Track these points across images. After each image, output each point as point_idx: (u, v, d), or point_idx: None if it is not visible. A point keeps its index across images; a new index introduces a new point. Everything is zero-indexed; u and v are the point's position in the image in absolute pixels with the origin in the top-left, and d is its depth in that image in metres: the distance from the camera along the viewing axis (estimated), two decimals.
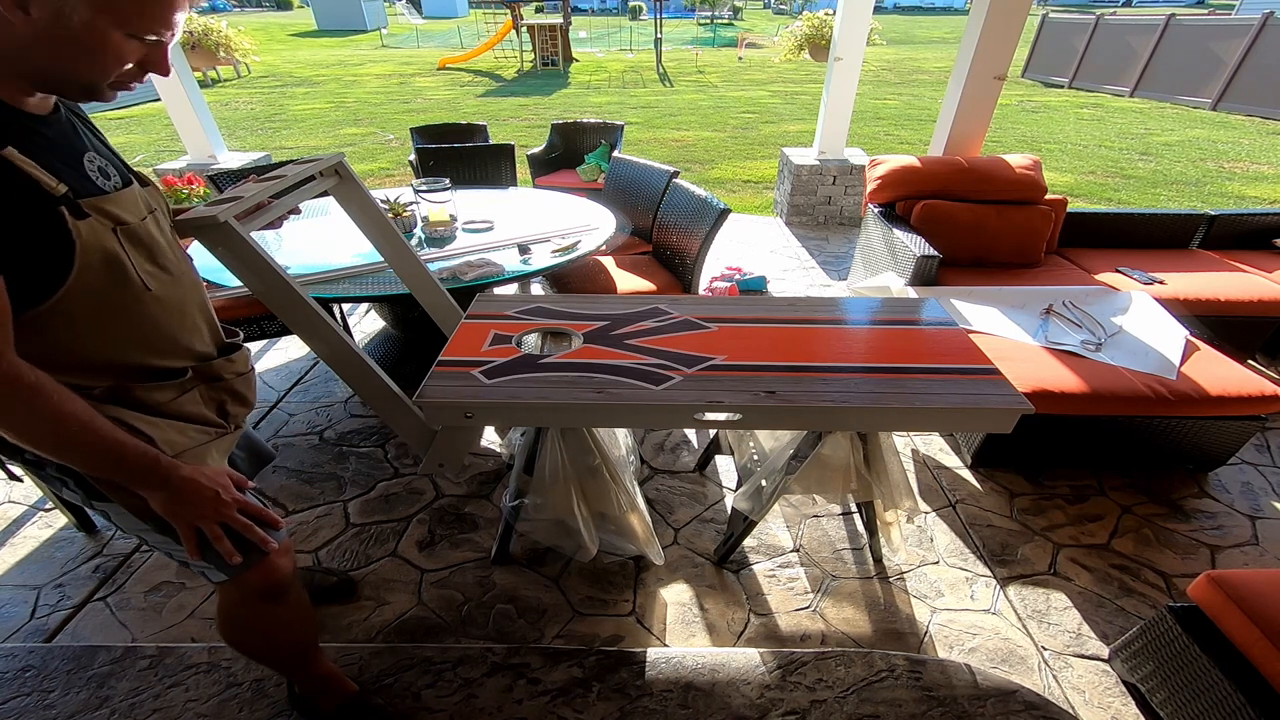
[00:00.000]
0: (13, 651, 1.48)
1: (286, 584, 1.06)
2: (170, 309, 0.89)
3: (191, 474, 0.85)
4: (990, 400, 1.26)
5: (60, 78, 0.73)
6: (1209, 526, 1.91)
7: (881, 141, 7.43)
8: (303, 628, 1.18)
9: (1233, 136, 7.69)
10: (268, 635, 1.14)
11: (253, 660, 1.37)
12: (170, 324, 0.90)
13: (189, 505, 0.85)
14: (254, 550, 0.95)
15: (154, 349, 0.88)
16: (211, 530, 0.88)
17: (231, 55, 9.96)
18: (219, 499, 0.87)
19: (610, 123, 3.98)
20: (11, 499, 1.98)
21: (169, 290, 0.89)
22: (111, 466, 0.79)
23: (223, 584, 1.01)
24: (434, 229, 2.26)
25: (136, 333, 0.85)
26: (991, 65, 2.88)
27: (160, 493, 0.83)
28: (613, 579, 1.71)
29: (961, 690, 1.40)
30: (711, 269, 3.59)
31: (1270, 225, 2.85)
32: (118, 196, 0.82)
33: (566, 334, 1.48)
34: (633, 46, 17.13)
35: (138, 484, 0.82)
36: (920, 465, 2.14)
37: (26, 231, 0.70)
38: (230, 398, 1.01)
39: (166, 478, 0.82)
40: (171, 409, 0.90)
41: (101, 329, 0.81)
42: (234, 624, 1.12)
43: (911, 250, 2.45)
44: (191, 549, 0.88)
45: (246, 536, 0.91)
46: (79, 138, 0.83)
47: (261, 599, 1.05)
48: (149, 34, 0.72)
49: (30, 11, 0.65)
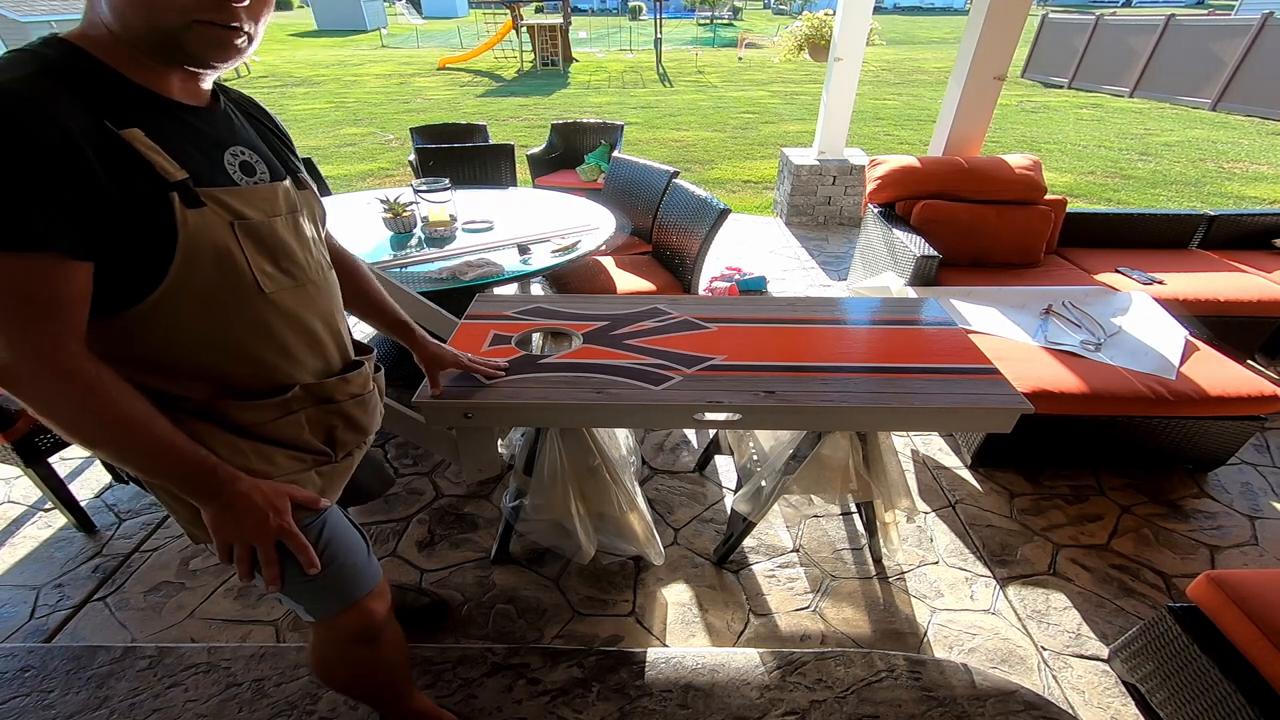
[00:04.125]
0: (12, 651, 1.48)
1: (379, 627, 0.98)
2: (288, 317, 0.82)
3: (248, 489, 0.77)
4: (990, 400, 1.26)
5: (137, 27, 0.67)
6: (1208, 527, 1.91)
7: (881, 141, 7.43)
8: (395, 665, 1.10)
9: (1232, 137, 7.69)
10: (359, 675, 1.07)
11: (344, 695, 1.33)
12: (285, 333, 0.82)
13: (233, 523, 0.77)
14: (336, 593, 0.90)
15: (259, 360, 0.81)
16: (265, 553, 0.80)
17: None
18: (265, 523, 0.78)
19: (610, 123, 3.98)
20: (11, 499, 1.98)
21: (290, 297, 0.82)
22: (165, 472, 0.73)
23: (313, 624, 0.95)
24: (434, 229, 2.26)
25: (244, 338, 0.78)
26: (991, 65, 2.88)
27: (212, 504, 0.76)
28: (612, 579, 1.71)
29: (961, 690, 1.40)
30: (711, 269, 3.59)
31: (1270, 225, 2.85)
32: (249, 190, 0.78)
33: (566, 334, 1.48)
34: (632, 46, 17.14)
35: (191, 493, 0.76)
36: (920, 465, 2.14)
37: (130, 216, 0.66)
38: (342, 423, 0.92)
39: (219, 490, 0.75)
40: (267, 431, 0.82)
41: (205, 331, 0.75)
42: (325, 663, 1.05)
43: (911, 250, 2.45)
44: (223, 560, 0.80)
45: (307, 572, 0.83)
46: (232, 130, 0.80)
47: (354, 642, 0.98)
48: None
49: None
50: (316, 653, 1.04)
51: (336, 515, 0.92)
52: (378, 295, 1.14)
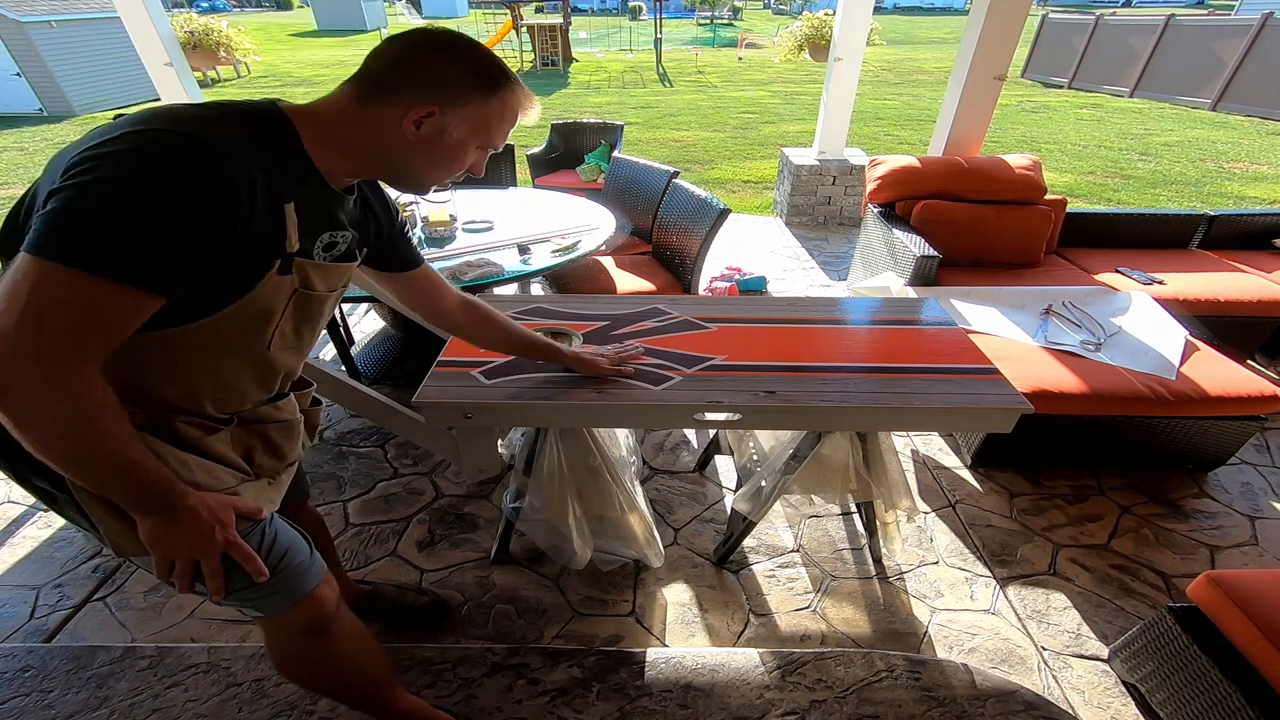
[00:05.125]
0: (12, 651, 1.48)
1: (329, 618, 0.98)
2: (267, 369, 0.88)
3: (196, 503, 0.76)
4: (990, 400, 1.26)
5: (413, 175, 0.84)
6: (1208, 527, 1.91)
7: (881, 141, 7.43)
8: (357, 657, 1.07)
9: (1232, 137, 7.69)
10: (317, 668, 1.06)
11: (317, 693, 1.31)
12: (255, 378, 0.87)
13: (177, 537, 0.75)
14: (284, 591, 0.90)
15: (229, 388, 0.85)
16: (211, 565, 0.79)
17: (231, 55, 9.97)
18: (210, 536, 0.77)
19: (610, 123, 3.98)
20: (11, 499, 1.98)
21: (283, 355, 0.88)
22: (129, 489, 0.71)
23: (260, 619, 0.95)
24: (434, 229, 2.26)
25: (223, 379, 0.83)
26: (991, 65, 2.88)
27: (157, 518, 0.74)
28: (612, 579, 1.71)
29: (961, 690, 1.40)
30: (711, 269, 3.59)
31: (1269, 225, 2.85)
32: (329, 267, 0.85)
33: (566, 334, 1.48)
34: (632, 46, 17.13)
35: (141, 507, 0.73)
36: (920, 465, 2.14)
37: (230, 268, 0.71)
38: (261, 444, 0.93)
39: (172, 504, 0.74)
40: (200, 445, 0.83)
41: (195, 361, 0.78)
42: (282, 659, 1.05)
43: (911, 250, 2.45)
44: (161, 576, 0.78)
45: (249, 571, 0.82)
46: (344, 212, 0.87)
47: (304, 634, 0.97)
48: (491, 147, 0.86)
49: (421, 129, 0.78)
50: (273, 650, 1.04)
51: (277, 519, 0.92)
52: (516, 331, 1.23)
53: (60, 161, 0.64)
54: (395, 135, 0.78)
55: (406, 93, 0.76)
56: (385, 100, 0.76)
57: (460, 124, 0.79)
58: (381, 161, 0.82)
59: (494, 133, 0.83)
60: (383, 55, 0.77)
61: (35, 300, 0.58)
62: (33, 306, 0.58)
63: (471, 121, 0.80)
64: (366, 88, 0.77)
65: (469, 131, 0.81)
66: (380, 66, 0.77)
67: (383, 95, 0.76)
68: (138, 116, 0.66)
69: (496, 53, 0.99)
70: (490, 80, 0.80)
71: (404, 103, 0.76)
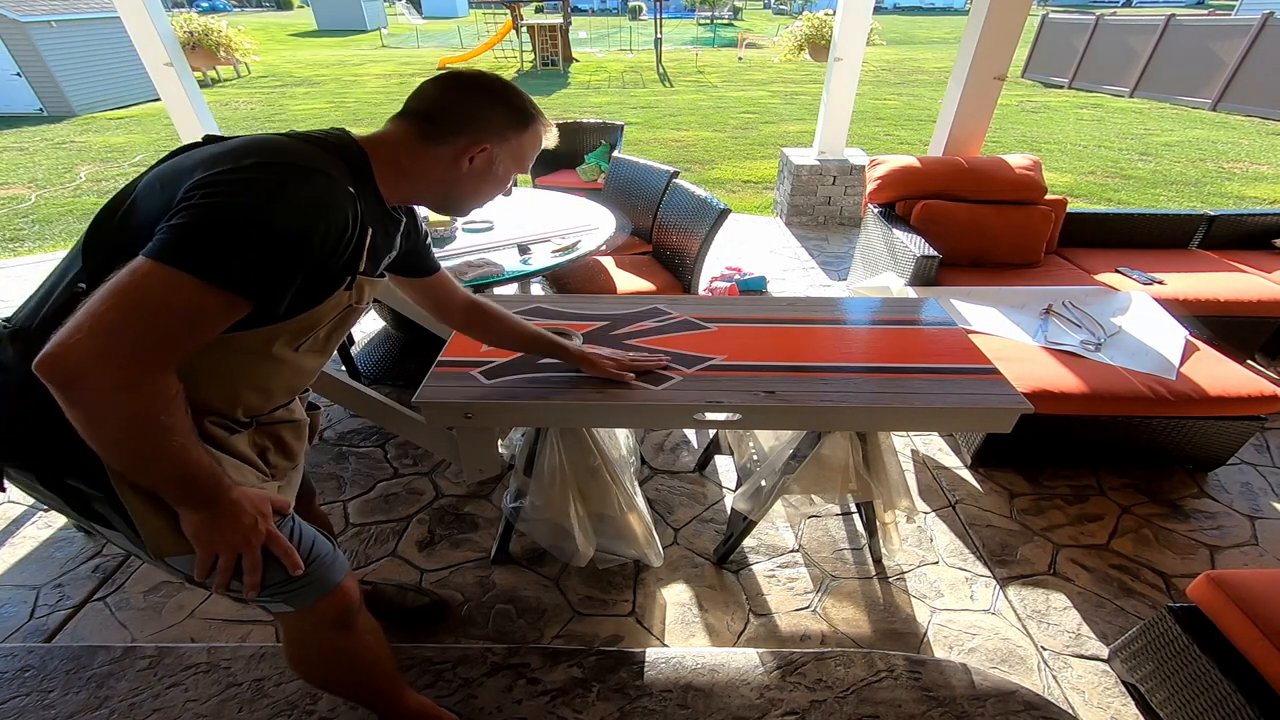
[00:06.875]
0: (12, 651, 1.48)
1: (355, 610, 1.02)
2: (298, 374, 0.94)
3: (239, 496, 0.79)
4: (990, 400, 1.26)
5: (462, 202, 0.96)
6: (1208, 527, 1.91)
7: (881, 141, 7.43)
8: (375, 652, 1.11)
9: (1232, 137, 7.69)
10: (340, 663, 1.08)
11: (331, 693, 1.31)
12: (286, 383, 0.93)
13: (222, 530, 0.78)
14: (318, 582, 0.93)
15: (255, 400, 0.90)
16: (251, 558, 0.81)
17: (231, 55, 9.95)
18: (255, 528, 0.80)
19: (610, 123, 3.98)
20: (11, 499, 1.98)
21: (308, 362, 0.93)
22: (183, 482, 0.74)
23: (287, 615, 0.96)
24: (434, 229, 2.26)
25: (261, 382, 0.89)
26: (991, 65, 2.88)
27: (202, 513, 0.77)
28: (612, 579, 1.71)
29: (961, 690, 1.40)
30: (711, 269, 3.59)
31: (1270, 225, 2.85)
32: (376, 281, 0.94)
33: (566, 334, 1.48)
34: (632, 47, 17.13)
35: (190, 500, 0.76)
36: (920, 465, 2.14)
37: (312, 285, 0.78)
38: (274, 445, 0.97)
39: (218, 497, 0.77)
40: (225, 445, 0.87)
41: (242, 370, 0.84)
42: (305, 656, 1.07)
43: (911, 250, 2.45)
44: (201, 573, 0.80)
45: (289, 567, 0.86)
46: (397, 236, 0.97)
47: (332, 628, 1.00)
48: (523, 172, 0.99)
49: (474, 163, 0.89)
50: (295, 647, 1.06)
51: (297, 516, 0.96)
52: (522, 328, 1.27)
53: (173, 179, 0.72)
54: (453, 170, 0.89)
55: (463, 134, 0.87)
56: (446, 140, 0.87)
57: (506, 157, 0.92)
58: (437, 191, 0.93)
59: (527, 160, 0.96)
60: (435, 99, 0.88)
61: (143, 300, 0.64)
62: (135, 303, 0.64)
63: (513, 153, 0.93)
64: (426, 128, 0.87)
65: (512, 162, 0.94)
66: (435, 110, 0.87)
67: (443, 135, 0.87)
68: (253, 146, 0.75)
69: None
70: (526, 116, 0.92)
71: (460, 143, 0.87)
